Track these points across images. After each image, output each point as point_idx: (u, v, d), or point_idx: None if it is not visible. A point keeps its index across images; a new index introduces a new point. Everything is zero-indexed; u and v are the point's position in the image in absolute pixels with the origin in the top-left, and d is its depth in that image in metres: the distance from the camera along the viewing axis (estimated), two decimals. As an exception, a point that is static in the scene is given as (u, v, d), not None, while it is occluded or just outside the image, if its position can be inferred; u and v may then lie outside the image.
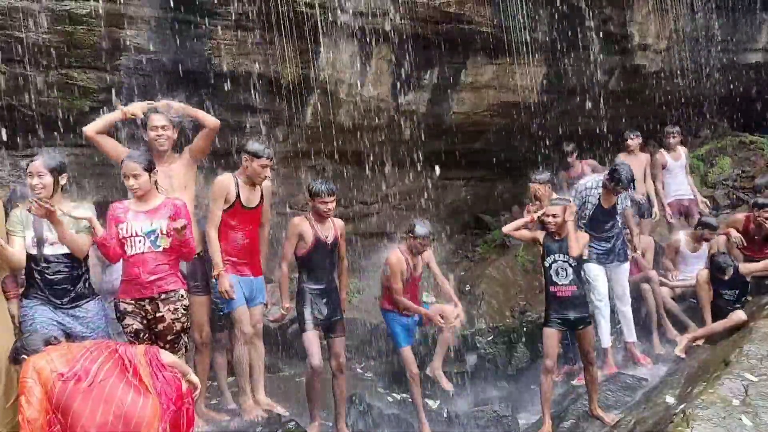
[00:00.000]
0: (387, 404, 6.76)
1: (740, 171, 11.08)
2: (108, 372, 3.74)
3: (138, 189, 4.58)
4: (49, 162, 4.44)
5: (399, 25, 7.76)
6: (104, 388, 3.68)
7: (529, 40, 8.68)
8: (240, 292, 5.28)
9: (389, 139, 8.50)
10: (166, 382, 3.88)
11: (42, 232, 4.38)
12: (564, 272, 5.62)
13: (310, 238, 5.49)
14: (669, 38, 10.33)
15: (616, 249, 6.78)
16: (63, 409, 3.61)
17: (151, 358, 3.92)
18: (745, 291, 6.87)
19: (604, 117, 9.74)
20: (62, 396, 3.62)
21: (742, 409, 4.55)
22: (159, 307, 4.58)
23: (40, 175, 4.38)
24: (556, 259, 5.66)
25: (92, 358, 3.77)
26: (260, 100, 7.41)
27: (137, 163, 4.59)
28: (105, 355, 3.81)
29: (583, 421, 5.83)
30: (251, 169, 5.25)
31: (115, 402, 3.65)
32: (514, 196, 10.94)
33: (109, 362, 3.79)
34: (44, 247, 4.38)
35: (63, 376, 3.65)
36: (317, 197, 5.43)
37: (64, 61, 6.20)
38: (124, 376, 3.76)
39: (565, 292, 5.63)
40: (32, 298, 4.42)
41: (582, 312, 5.67)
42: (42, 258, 4.38)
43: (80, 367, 3.70)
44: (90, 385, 3.66)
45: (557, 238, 5.70)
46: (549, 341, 5.68)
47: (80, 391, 3.64)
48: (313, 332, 5.50)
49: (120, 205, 4.68)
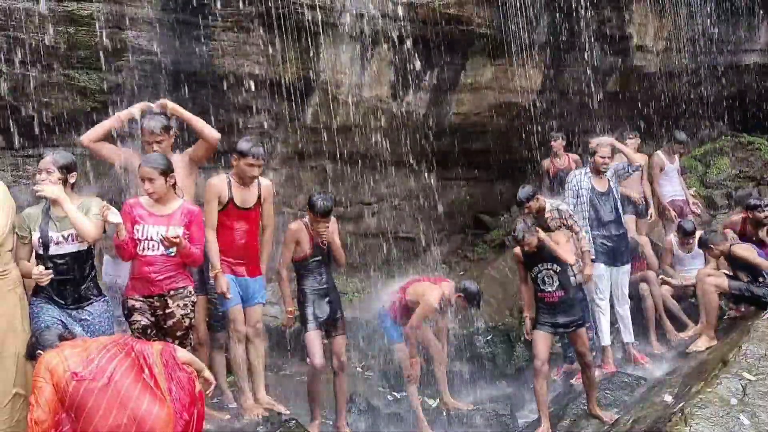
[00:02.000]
0: (387, 403, 6.78)
1: (738, 171, 11.10)
2: (124, 373, 3.70)
3: (153, 193, 4.58)
4: (59, 160, 4.49)
5: (399, 27, 7.78)
6: (120, 390, 3.64)
7: (528, 42, 8.71)
8: (235, 291, 5.28)
9: (389, 140, 8.53)
10: (180, 386, 3.84)
11: (47, 232, 4.40)
12: (550, 279, 5.69)
13: (307, 243, 5.53)
14: (667, 39, 10.37)
15: (621, 250, 6.84)
16: (77, 409, 3.58)
17: (168, 358, 3.89)
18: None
19: (603, 118, 9.76)
20: (76, 395, 3.59)
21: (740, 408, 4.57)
22: (168, 303, 4.61)
23: (48, 171, 4.43)
24: (540, 269, 5.73)
25: (109, 357, 3.73)
26: (261, 100, 7.44)
27: (153, 168, 4.59)
28: (122, 355, 3.77)
29: (582, 419, 5.85)
30: (239, 168, 5.21)
31: (131, 405, 3.61)
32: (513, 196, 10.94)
33: (125, 362, 3.75)
34: (49, 247, 4.40)
35: (78, 375, 3.61)
36: (311, 211, 5.42)
37: (66, 62, 6.22)
38: (140, 377, 3.73)
39: (553, 297, 5.70)
40: (40, 296, 4.45)
41: (570, 315, 5.72)
42: (47, 259, 4.39)
43: (96, 366, 3.66)
44: (105, 385, 3.62)
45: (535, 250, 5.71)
46: (538, 343, 5.74)
47: (95, 390, 3.60)
48: (315, 332, 5.53)
49: (136, 203, 4.67)
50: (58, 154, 4.59)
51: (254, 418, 5.25)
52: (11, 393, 4.07)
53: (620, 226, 6.93)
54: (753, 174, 10.95)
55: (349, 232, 8.67)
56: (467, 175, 10.54)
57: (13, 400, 4.07)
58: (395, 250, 9.31)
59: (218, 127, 7.16)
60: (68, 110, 6.35)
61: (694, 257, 7.66)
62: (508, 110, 9.51)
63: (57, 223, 4.41)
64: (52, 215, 4.44)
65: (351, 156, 8.57)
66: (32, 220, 4.45)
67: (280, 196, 7.80)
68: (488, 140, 9.91)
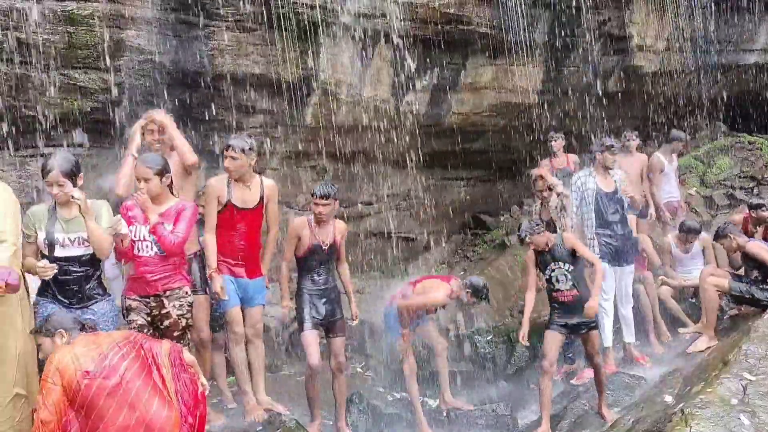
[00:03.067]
0: (387, 404, 6.77)
1: (739, 171, 11.09)
2: (136, 372, 3.70)
3: (147, 193, 4.56)
4: (66, 167, 4.27)
5: (399, 26, 7.77)
6: (130, 391, 3.63)
7: (528, 41, 8.71)
8: (234, 293, 5.27)
9: (389, 139, 8.52)
10: (185, 387, 3.85)
11: (54, 234, 4.33)
12: (564, 278, 5.68)
13: (307, 240, 5.52)
14: (668, 39, 10.36)
15: (625, 249, 6.84)
16: (87, 407, 3.58)
17: (175, 359, 3.90)
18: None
19: (603, 117, 9.76)
20: (88, 393, 3.58)
21: (740, 408, 4.56)
22: (164, 303, 4.60)
23: (60, 184, 4.25)
24: (554, 269, 5.71)
25: (121, 356, 3.72)
26: (261, 100, 7.43)
27: (149, 168, 4.57)
28: (133, 353, 3.76)
29: (582, 419, 5.85)
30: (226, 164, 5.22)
31: (140, 407, 3.62)
32: (513, 196, 10.97)
33: (136, 362, 3.74)
34: (55, 249, 4.36)
35: (89, 374, 3.60)
36: (312, 197, 5.49)
37: (66, 62, 6.21)
38: (150, 378, 3.73)
39: (567, 296, 5.67)
40: (44, 296, 4.42)
41: (584, 317, 5.64)
42: (52, 261, 4.34)
43: (108, 364, 3.66)
44: (117, 384, 3.62)
45: (547, 250, 5.74)
46: (549, 343, 5.72)
47: (106, 389, 3.60)
48: (311, 332, 5.53)
49: (132, 204, 4.64)
50: (61, 160, 4.30)
51: (255, 419, 5.25)
52: (12, 393, 4.04)
53: (625, 226, 6.91)
54: (753, 173, 10.94)
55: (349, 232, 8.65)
56: (467, 175, 10.54)
57: (14, 400, 4.05)
58: (395, 250, 9.31)
59: (218, 126, 7.23)
60: (68, 110, 6.34)
61: (693, 258, 7.65)
62: (508, 110, 9.50)
63: (64, 224, 4.31)
64: (58, 215, 4.33)
65: (351, 156, 8.57)
66: (37, 219, 4.36)
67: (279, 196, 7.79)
68: (488, 140, 9.91)
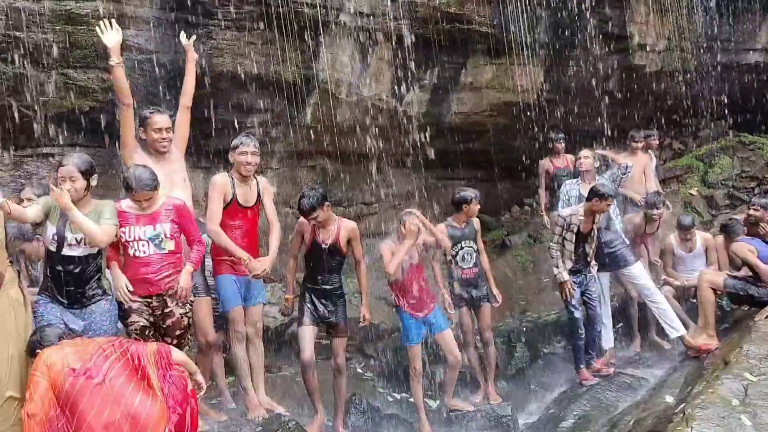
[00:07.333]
0: (387, 404, 6.76)
1: (740, 171, 11.08)
2: (118, 371, 3.76)
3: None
4: (81, 164, 4.32)
5: (399, 25, 7.76)
6: (113, 387, 3.70)
7: (528, 41, 8.70)
8: (236, 291, 5.29)
9: (389, 139, 8.51)
10: (172, 383, 3.90)
11: (64, 232, 4.34)
12: (469, 257, 6.35)
13: (309, 238, 5.55)
14: (668, 38, 10.35)
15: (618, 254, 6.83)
16: (71, 405, 3.63)
17: (160, 359, 3.93)
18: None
19: (603, 117, 9.75)
20: (72, 391, 3.64)
21: (741, 409, 4.54)
22: (167, 302, 4.59)
23: (72, 179, 4.27)
24: (463, 246, 6.31)
25: (105, 356, 3.79)
26: (260, 100, 7.42)
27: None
28: (117, 354, 3.83)
29: (583, 420, 5.84)
30: (236, 162, 5.25)
31: (123, 402, 3.67)
32: (513, 196, 10.96)
33: (120, 361, 3.81)
34: (63, 247, 4.35)
35: (75, 371, 3.67)
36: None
37: (64, 61, 6.21)
38: (133, 376, 3.79)
39: (468, 273, 6.36)
40: (44, 294, 4.42)
41: (482, 290, 6.45)
42: (58, 259, 4.34)
43: (92, 364, 3.72)
44: (100, 382, 3.68)
45: (462, 227, 6.31)
46: (464, 317, 6.44)
47: (90, 387, 3.66)
48: (308, 327, 5.55)
49: (119, 206, 4.59)
50: (78, 158, 4.38)
51: (255, 419, 5.24)
52: (4, 396, 4.04)
53: (608, 233, 6.86)
54: (755, 173, 10.93)
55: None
56: (467, 175, 10.53)
57: (8, 403, 4.05)
58: (395, 250, 9.26)
59: (218, 126, 7.22)
60: (67, 109, 6.34)
61: (696, 257, 7.62)
62: (508, 110, 9.48)
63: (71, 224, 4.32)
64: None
65: (351, 155, 8.56)
66: (53, 209, 4.35)
67: (279, 196, 7.80)
68: (489, 140, 9.89)
